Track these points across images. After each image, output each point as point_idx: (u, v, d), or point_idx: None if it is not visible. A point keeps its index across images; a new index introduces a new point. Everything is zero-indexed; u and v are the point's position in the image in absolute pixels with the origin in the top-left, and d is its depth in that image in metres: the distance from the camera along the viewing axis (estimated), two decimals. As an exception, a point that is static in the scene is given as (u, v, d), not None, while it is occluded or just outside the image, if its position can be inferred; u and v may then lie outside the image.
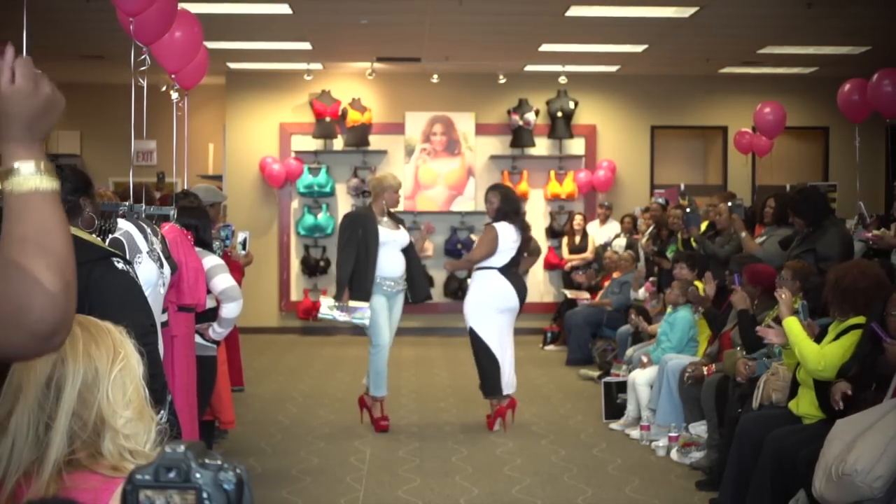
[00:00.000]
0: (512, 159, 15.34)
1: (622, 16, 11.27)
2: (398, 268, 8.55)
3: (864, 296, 5.60)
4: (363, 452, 7.74)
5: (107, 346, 2.13)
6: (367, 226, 8.41)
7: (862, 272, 5.85)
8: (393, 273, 8.51)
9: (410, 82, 15.19)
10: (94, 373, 2.09)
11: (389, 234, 8.48)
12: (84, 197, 4.23)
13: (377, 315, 8.43)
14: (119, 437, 2.08)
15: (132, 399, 2.13)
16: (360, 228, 8.41)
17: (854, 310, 5.65)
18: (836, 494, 4.70)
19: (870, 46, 12.91)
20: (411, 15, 11.46)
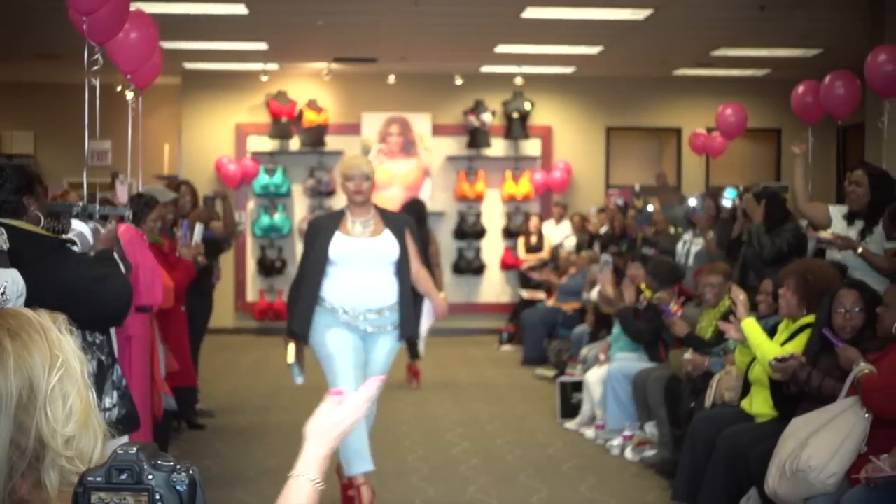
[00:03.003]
0: (468, 160, 15.37)
1: (577, 18, 11.33)
2: (375, 293, 6.04)
3: (821, 295, 5.66)
4: (319, 453, 7.71)
5: (42, 353, 1.86)
6: (324, 233, 6.07)
7: (824, 271, 5.93)
8: (361, 301, 6.01)
9: (367, 83, 15.18)
10: (28, 389, 1.83)
11: (357, 243, 6.04)
12: (28, 196, 4.22)
13: (332, 360, 5.99)
14: (62, 460, 1.84)
15: (74, 409, 1.87)
16: (317, 238, 6.10)
17: (809, 308, 5.71)
18: (788, 490, 4.77)
19: (822, 49, 13.04)
20: (368, 16, 11.46)
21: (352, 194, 6.08)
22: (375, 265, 6.07)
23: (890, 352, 4.83)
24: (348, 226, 6.09)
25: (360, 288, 6.03)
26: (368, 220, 6.11)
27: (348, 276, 6.02)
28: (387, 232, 6.11)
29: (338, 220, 6.14)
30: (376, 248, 6.08)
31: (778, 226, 7.63)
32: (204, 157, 15.09)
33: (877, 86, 8.74)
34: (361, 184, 6.05)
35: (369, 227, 6.10)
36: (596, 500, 6.59)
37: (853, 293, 5.30)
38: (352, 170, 6.08)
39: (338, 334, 6.00)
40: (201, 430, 8.49)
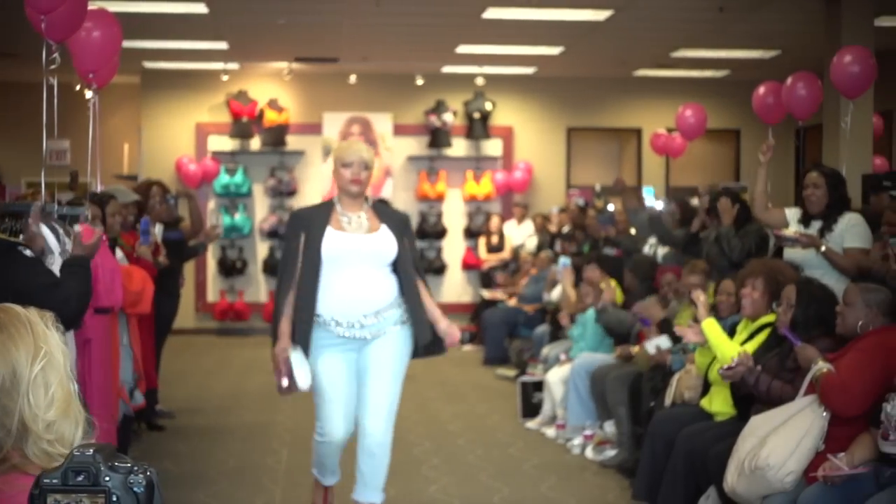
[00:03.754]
0: (429, 160, 15.37)
1: (538, 18, 11.36)
2: (371, 296, 5.29)
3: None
4: (280, 453, 7.71)
5: (26, 344, 2.06)
6: (311, 228, 5.32)
7: (789, 271, 5.98)
8: (356, 307, 5.26)
9: (328, 83, 15.15)
10: (11, 377, 2.03)
11: (352, 241, 5.29)
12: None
13: (321, 396, 5.39)
14: (43, 443, 2.03)
15: (56, 397, 2.06)
16: (302, 233, 5.34)
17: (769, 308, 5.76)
18: (747, 488, 4.80)
19: (780, 50, 13.15)
20: (329, 15, 11.44)
21: (347, 183, 5.31)
22: (370, 267, 5.30)
23: (848, 351, 4.88)
24: (340, 220, 5.31)
25: (353, 293, 5.26)
26: (362, 214, 5.36)
27: (339, 281, 5.25)
28: (384, 228, 5.36)
29: (327, 213, 5.35)
30: (373, 247, 5.30)
31: (742, 226, 7.73)
32: (164, 156, 15.00)
33: (841, 87, 8.81)
34: (360, 172, 5.30)
35: (364, 222, 5.34)
36: (556, 499, 6.61)
37: (792, 289, 5.35)
38: (350, 155, 5.30)
39: (331, 362, 5.29)
40: (161, 432, 8.44)
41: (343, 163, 5.30)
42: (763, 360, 5.44)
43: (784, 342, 5.34)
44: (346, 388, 5.37)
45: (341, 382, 5.35)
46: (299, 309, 5.28)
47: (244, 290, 15.14)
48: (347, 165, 5.29)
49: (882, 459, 4.41)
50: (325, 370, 5.32)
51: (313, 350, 5.29)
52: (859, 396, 4.64)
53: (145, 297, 6.78)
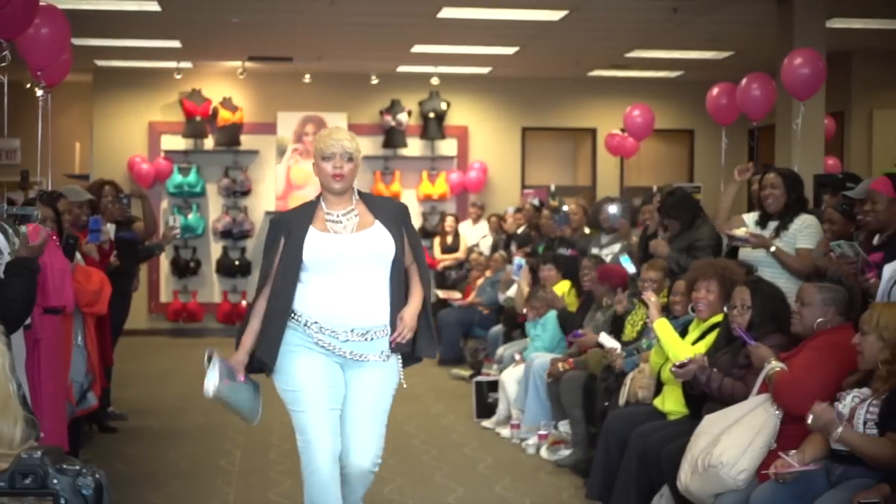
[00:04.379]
0: (384, 160, 15.35)
1: (493, 18, 11.37)
2: (363, 308, 4.62)
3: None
4: (233, 455, 7.66)
5: None
6: (292, 232, 4.64)
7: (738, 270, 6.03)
8: (345, 317, 4.60)
9: (282, 82, 15.09)
10: None
11: (339, 242, 4.61)
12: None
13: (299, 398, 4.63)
14: None
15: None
16: (281, 239, 4.67)
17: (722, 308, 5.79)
18: (700, 486, 4.82)
19: (733, 51, 13.24)
20: (283, 14, 11.39)
21: (329, 179, 4.63)
22: (363, 272, 4.60)
23: (801, 350, 4.92)
24: (325, 220, 4.65)
25: (343, 300, 4.57)
26: (350, 210, 4.68)
27: (327, 285, 4.58)
28: (378, 224, 4.66)
29: (310, 213, 4.68)
30: (365, 247, 4.61)
31: (690, 227, 7.80)
32: (116, 155, 14.86)
33: (792, 88, 8.89)
34: (342, 165, 4.61)
35: (352, 219, 4.66)
36: (511, 499, 6.61)
37: (745, 290, 5.41)
38: (330, 146, 4.62)
39: (308, 360, 4.59)
40: (113, 434, 8.37)
41: (323, 155, 4.63)
42: (714, 358, 5.48)
43: (734, 340, 5.39)
44: (330, 388, 4.59)
45: (323, 379, 4.58)
46: (271, 312, 4.62)
47: (198, 291, 15.04)
48: (328, 158, 4.62)
49: (833, 457, 4.45)
50: (301, 368, 4.58)
51: (285, 352, 4.60)
52: (810, 395, 4.67)
53: (103, 297, 6.73)
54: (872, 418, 4.28)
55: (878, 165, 12.69)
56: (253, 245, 15.07)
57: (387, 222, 4.68)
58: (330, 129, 4.84)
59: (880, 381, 4.31)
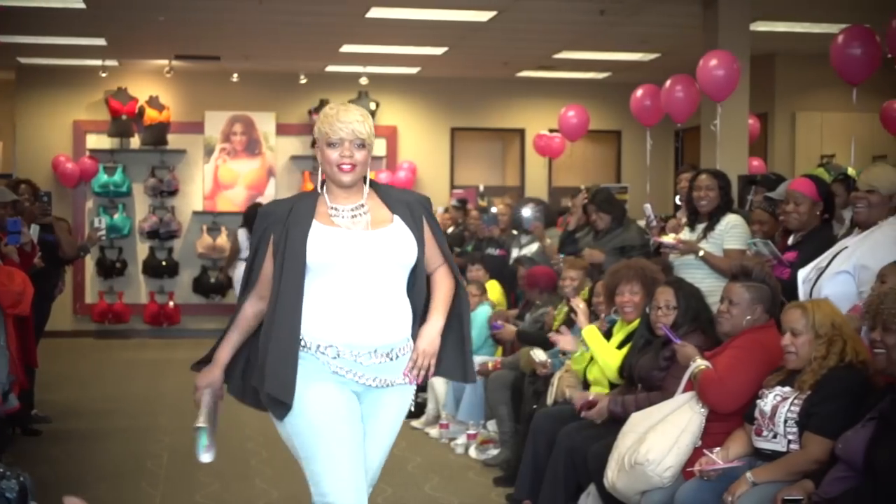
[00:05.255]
0: (313, 160, 15.24)
1: (422, 18, 11.38)
2: (382, 323, 3.73)
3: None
4: (160, 457, 7.59)
5: None
6: (289, 224, 3.73)
7: (657, 271, 6.10)
8: (361, 335, 3.70)
9: (210, 81, 14.97)
10: None
11: (347, 238, 3.73)
12: None
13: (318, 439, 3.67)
14: None
15: None
16: (272, 234, 3.77)
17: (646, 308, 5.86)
18: (627, 484, 4.86)
19: (660, 53, 13.37)
20: (210, 13, 11.30)
21: (335, 171, 3.75)
22: (382, 275, 3.71)
23: (725, 348, 4.98)
24: (328, 214, 3.77)
25: (360, 314, 3.68)
26: (360, 206, 3.79)
27: (338, 295, 3.68)
28: (397, 221, 3.80)
29: (310, 204, 3.79)
30: (383, 247, 3.72)
31: (619, 226, 7.87)
32: (40, 154, 14.65)
33: (708, 89, 9.01)
34: (352, 153, 3.75)
35: (364, 214, 3.78)
36: (440, 499, 6.62)
37: (668, 291, 5.47)
38: (337, 129, 3.73)
39: (323, 395, 3.67)
40: (37, 436, 8.25)
41: (328, 140, 3.75)
42: (638, 359, 5.54)
43: (655, 340, 5.47)
44: (354, 430, 3.70)
45: (346, 421, 3.68)
46: (273, 334, 3.66)
47: (124, 292, 14.87)
48: (334, 145, 3.74)
49: (756, 454, 4.51)
50: (315, 408, 3.65)
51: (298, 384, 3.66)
52: (735, 393, 4.74)
53: (26, 298, 6.63)
54: (793, 417, 4.35)
55: (800, 166, 12.90)
56: (180, 245, 14.94)
57: (407, 218, 3.81)
58: (336, 107, 3.81)
59: (811, 374, 4.36)
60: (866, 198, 4.95)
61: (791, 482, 4.21)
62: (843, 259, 4.97)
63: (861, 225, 5.02)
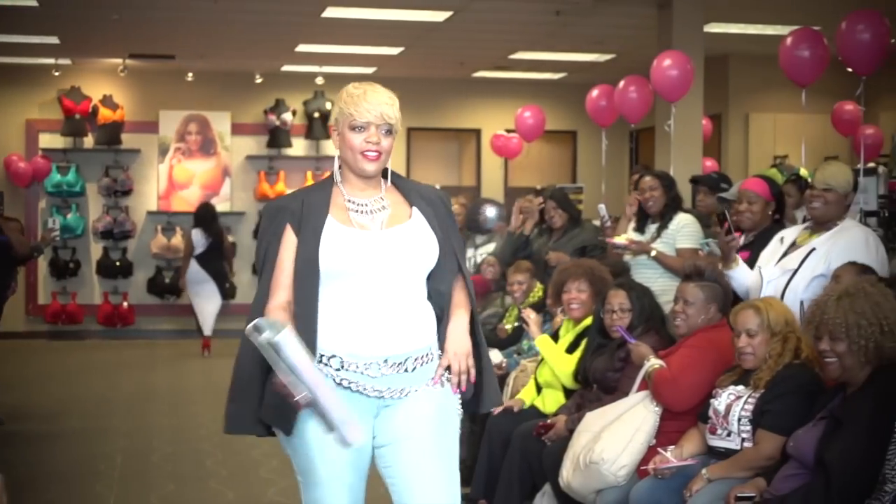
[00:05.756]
0: (269, 159, 15.24)
1: (378, 18, 11.36)
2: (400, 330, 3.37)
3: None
4: (114, 459, 7.53)
5: None
6: (301, 223, 3.38)
7: (606, 271, 6.14)
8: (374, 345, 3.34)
9: (165, 80, 14.87)
10: None
11: (364, 239, 3.37)
12: None
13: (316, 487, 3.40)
14: None
15: None
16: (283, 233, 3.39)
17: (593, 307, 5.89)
18: (582, 483, 4.88)
19: (615, 54, 13.43)
20: (165, 12, 11.23)
21: (357, 157, 3.40)
22: (398, 279, 3.36)
23: (679, 347, 5.01)
24: (345, 207, 3.41)
25: (371, 321, 3.33)
26: (381, 197, 3.46)
27: (348, 301, 3.33)
28: (416, 218, 3.45)
29: (324, 198, 3.42)
30: (401, 248, 3.37)
31: (575, 226, 7.91)
32: (-8, 154, 14.52)
33: (662, 90, 9.07)
34: (380, 139, 3.41)
35: (383, 209, 3.43)
36: (396, 498, 6.61)
37: (621, 293, 5.51)
38: (364, 112, 3.39)
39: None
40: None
41: (353, 124, 3.39)
42: (592, 361, 5.56)
43: (609, 341, 5.51)
44: (356, 456, 3.37)
45: (346, 467, 3.38)
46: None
47: (77, 292, 14.74)
48: (359, 129, 3.39)
49: (710, 453, 4.55)
50: (320, 447, 3.32)
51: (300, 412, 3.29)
52: (689, 391, 4.78)
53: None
54: (747, 415, 4.39)
55: (754, 167, 13.00)
56: (135, 245, 14.84)
57: (428, 215, 3.46)
58: (363, 86, 3.47)
59: (767, 371, 4.40)
60: (823, 196, 4.99)
61: (745, 479, 4.25)
62: (817, 262, 4.98)
63: (817, 222, 5.05)
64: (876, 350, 3.84)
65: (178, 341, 13.92)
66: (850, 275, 4.48)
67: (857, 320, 3.84)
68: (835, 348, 3.90)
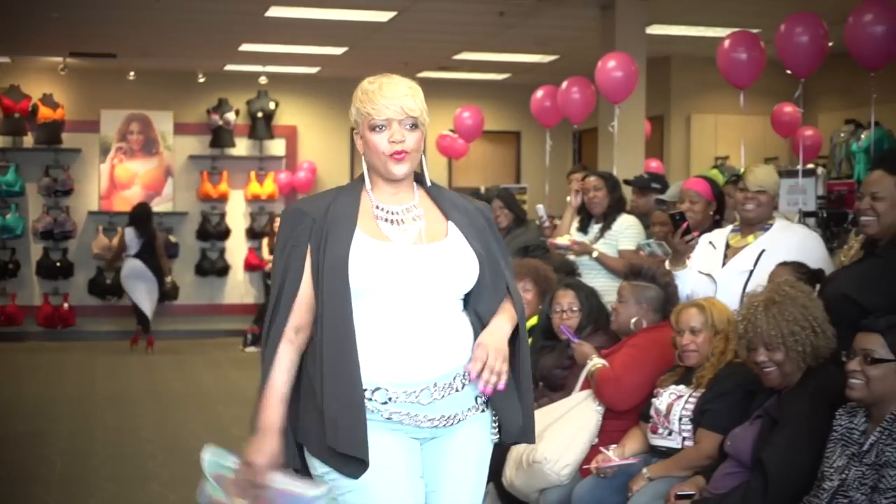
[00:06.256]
0: (211, 159, 15.15)
1: (322, 18, 11.33)
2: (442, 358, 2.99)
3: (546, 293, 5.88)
4: (53, 462, 7.45)
5: None
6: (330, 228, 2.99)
7: (550, 270, 6.16)
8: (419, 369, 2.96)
9: (106, 79, 14.73)
10: None
11: (397, 255, 2.99)
12: None
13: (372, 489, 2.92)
14: None
15: None
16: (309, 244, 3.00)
17: (539, 306, 5.91)
18: (525, 482, 4.90)
19: (558, 55, 13.49)
20: (105, 10, 11.13)
21: (382, 159, 3.02)
22: (434, 299, 3.00)
23: (621, 347, 5.05)
24: (376, 218, 3.04)
25: (413, 344, 2.96)
26: (411, 207, 3.08)
27: (381, 325, 2.96)
28: (453, 230, 3.08)
29: (352, 206, 3.04)
30: (437, 265, 3.00)
31: (520, 225, 7.94)
32: (-71, 153, 14.30)
33: (606, 91, 9.12)
34: (404, 136, 3.03)
35: (417, 220, 3.06)
36: (340, 499, 6.60)
37: (569, 293, 5.54)
38: (382, 108, 3.04)
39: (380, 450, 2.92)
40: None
41: (372, 123, 3.04)
42: (539, 359, 5.58)
43: (555, 341, 5.53)
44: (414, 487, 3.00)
45: (408, 487, 2.97)
46: (327, 378, 2.90)
47: (17, 293, 14.54)
48: (380, 128, 3.04)
49: (651, 452, 4.59)
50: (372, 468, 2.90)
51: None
52: (630, 391, 4.81)
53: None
54: (688, 414, 4.43)
55: (695, 168, 13.11)
56: (75, 246, 14.68)
57: (466, 229, 3.09)
58: (378, 79, 3.11)
59: (710, 369, 4.45)
60: (756, 198, 5.05)
61: (685, 478, 4.29)
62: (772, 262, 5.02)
63: (749, 224, 5.10)
64: (813, 352, 3.90)
65: (120, 342, 13.77)
66: (787, 275, 4.52)
67: (791, 328, 3.89)
68: (773, 358, 3.94)
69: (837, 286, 4.17)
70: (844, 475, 3.53)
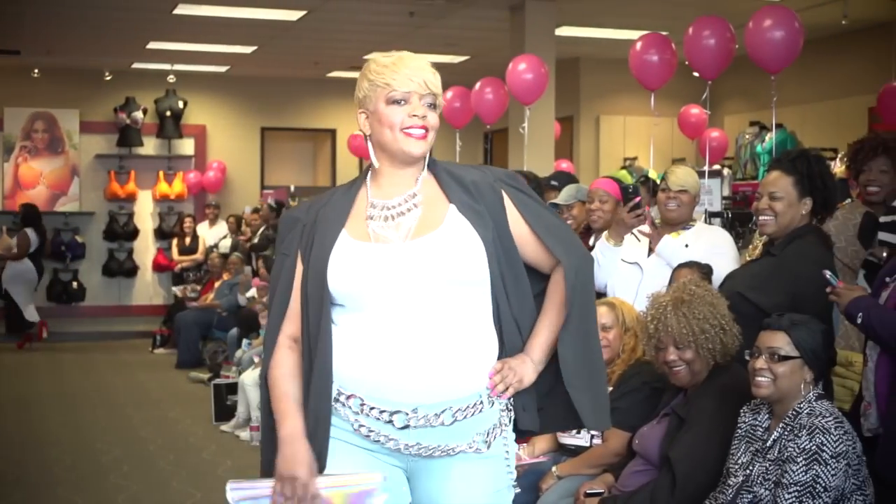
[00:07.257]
0: (119, 158, 14.97)
1: (231, 16, 11.26)
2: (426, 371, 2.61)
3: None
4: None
5: None
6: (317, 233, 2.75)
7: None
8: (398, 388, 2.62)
9: (9, 76, 14.48)
10: None
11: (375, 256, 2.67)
12: None
13: None
14: None
15: None
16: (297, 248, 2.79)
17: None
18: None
19: (469, 56, 13.55)
20: (9, 6, 10.93)
21: (399, 137, 2.74)
22: (430, 301, 2.65)
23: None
24: (367, 215, 2.75)
25: (396, 358, 2.64)
26: (411, 195, 2.77)
27: (369, 331, 2.67)
28: (452, 218, 2.72)
29: (346, 203, 2.79)
30: (425, 263, 2.65)
31: None
32: None
33: (517, 93, 9.19)
34: (425, 112, 2.77)
35: (410, 211, 2.74)
36: (251, 501, 6.56)
37: None
38: (404, 80, 2.76)
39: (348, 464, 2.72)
40: None
41: (391, 97, 2.74)
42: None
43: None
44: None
45: None
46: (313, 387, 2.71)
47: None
48: (399, 101, 2.74)
49: (561, 450, 4.62)
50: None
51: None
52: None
53: None
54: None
55: (604, 168, 13.26)
56: (-22, 247, 14.39)
57: (466, 209, 2.74)
58: (394, 55, 2.82)
59: (620, 365, 4.50)
60: (678, 197, 5.15)
61: (594, 476, 4.33)
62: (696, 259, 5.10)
63: (672, 223, 5.19)
64: (722, 349, 3.96)
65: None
66: (690, 275, 4.60)
67: (701, 326, 3.95)
68: (682, 356, 4.00)
69: (733, 285, 4.25)
70: (749, 471, 3.60)
